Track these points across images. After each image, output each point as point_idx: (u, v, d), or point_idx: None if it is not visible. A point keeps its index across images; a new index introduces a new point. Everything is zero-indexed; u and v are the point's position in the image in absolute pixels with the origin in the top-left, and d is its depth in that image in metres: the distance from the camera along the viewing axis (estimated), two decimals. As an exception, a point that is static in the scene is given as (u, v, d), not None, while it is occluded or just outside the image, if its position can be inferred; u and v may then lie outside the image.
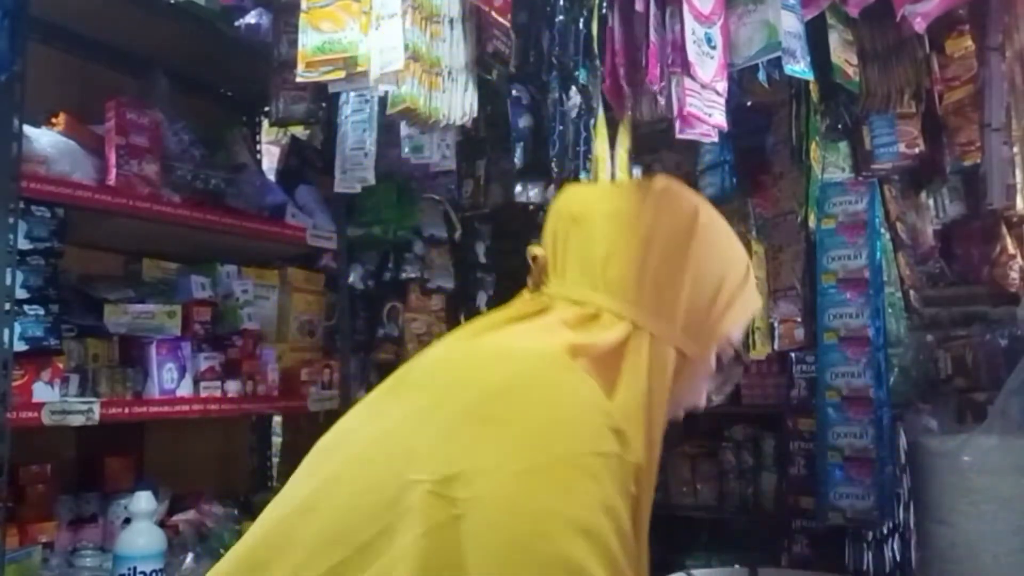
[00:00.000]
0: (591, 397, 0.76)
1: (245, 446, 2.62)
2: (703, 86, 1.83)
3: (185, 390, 1.90)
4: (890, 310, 2.56)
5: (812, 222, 2.46)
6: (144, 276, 2.07)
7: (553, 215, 0.90)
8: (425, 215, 2.79)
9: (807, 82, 2.12)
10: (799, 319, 2.73)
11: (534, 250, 0.89)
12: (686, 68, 1.80)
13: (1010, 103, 2.42)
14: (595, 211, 0.87)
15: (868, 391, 2.36)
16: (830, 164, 2.54)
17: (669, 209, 0.86)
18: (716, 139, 1.92)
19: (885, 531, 2.38)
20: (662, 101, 1.87)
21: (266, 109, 2.44)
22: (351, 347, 2.49)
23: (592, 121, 1.90)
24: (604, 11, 1.86)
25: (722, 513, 3.32)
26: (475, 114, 1.69)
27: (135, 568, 1.65)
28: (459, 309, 3.01)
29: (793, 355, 2.88)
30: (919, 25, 2.05)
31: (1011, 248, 3.04)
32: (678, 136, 1.85)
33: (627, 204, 0.87)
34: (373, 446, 0.76)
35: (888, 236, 2.64)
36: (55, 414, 1.60)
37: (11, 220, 1.56)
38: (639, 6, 1.84)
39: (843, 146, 2.59)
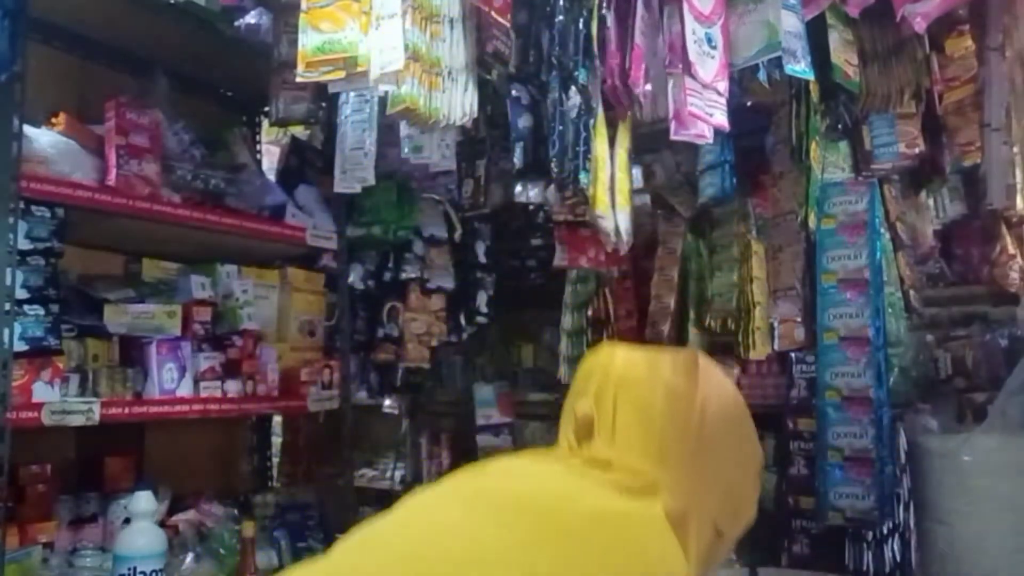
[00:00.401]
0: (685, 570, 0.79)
1: (245, 446, 2.62)
2: (704, 86, 1.83)
3: (185, 390, 1.90)
4: (890, 310, 2.55)
5: (812, 222, 2.46)
6: (144, 276, 2.07)
7: (600, 375, 0.93)
8: (425, 215, 2.79)
9: (807, 82, 2.12)
10: (799, 319, 2.72)
11: (581, 407, 0.92)
12: (687, 68, 1.80)
13: (1010, 103, 2.42)
14: (649, 381, 0.90)
15: (868, 391, 2.36)
16: (830, 164, 2.54)
17: (719, 389, 0.92)
18: (711, 140, 1.92)
19: (885, 531, 2.38)
20: (646, 103, 1.87)
21: (266, 109, 2.44)
22: (351, 347, 2.49)
23: (592, 121, 1.90)
24: (603, 11, 1.86)
25: (722, 513, 3.32)
26: (475, 114, 1.68)
27: (135, 568, 1.65)
28: (459, 309, 3.01)
29: (793, 355, 2.88)
30: (919, 25, 2.05)
31: (1011, 248, 3.04)
32: (673, 137, 1.85)
33: (683, 380, 0.90)
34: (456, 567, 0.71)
35: (888, 236, 2.63)
36: (55, 414, 1.60)
37: (11, 220, 1.56)
38: (636, 7, 1.85)
39: (843, 146, 2.59)
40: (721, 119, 1.87)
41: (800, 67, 1.90)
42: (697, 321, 3.19)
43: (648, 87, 1.85)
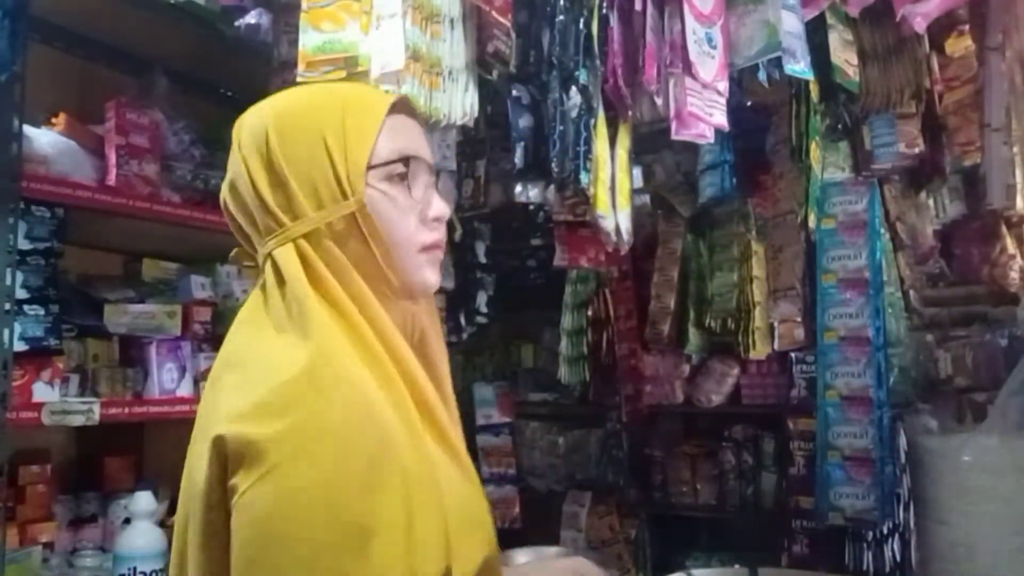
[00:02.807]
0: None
1: (245, 446, 2.62)
2: (704, 86, 1.83)
3: (185, 390, 1.90)
4: (890, 310, 2.56)
5: (812, 222, 2.46)
6: (144, 276, 2.07)
7: None
8: (425, 215, 2.78)
9: (807, 82, 2.12)
10: (799, 319, 2.73)
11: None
12: (687, 68, 1.80)
13: (1010, 103, 2.42)
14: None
15: (868, 391, 2.36)
16: (830, 164, 2.54)
17: (245, 136, 0.90)
18: (712, 140, 1.92)
19: (885, 531, 2.38)
20: (659, 101, 1.86)
21: (266, 109, 2.43)
22: (351, 347, 2.48)
23: (592, 121, 1.90)
24: (604, 11, 1.86)
25: (722, 513, 3.33)
26: (475, 114, 1.68)
27: (135, 568, 1.65)
28: (459, 309, 3.01)
29: (793, 355, 2.88)
30: (919, 25, 2.05)
31: (1011, 248, 3.05)
32: (673, 137, 1.85)
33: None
34: None
35: (888, 236, 2.64)
36: (55, 414, 1.60)
37: (11, 220, 1.56)
38: (637, 5, 1.84)
39: (843, 146, 2.59)
40: (721, 119, 1.87)
41: (800, 67, 1.90)
42: (697, 321, 3.20)
43: (660, 84, 1.85)
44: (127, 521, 1.76)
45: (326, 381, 0.76)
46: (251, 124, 0.90)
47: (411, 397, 0.83)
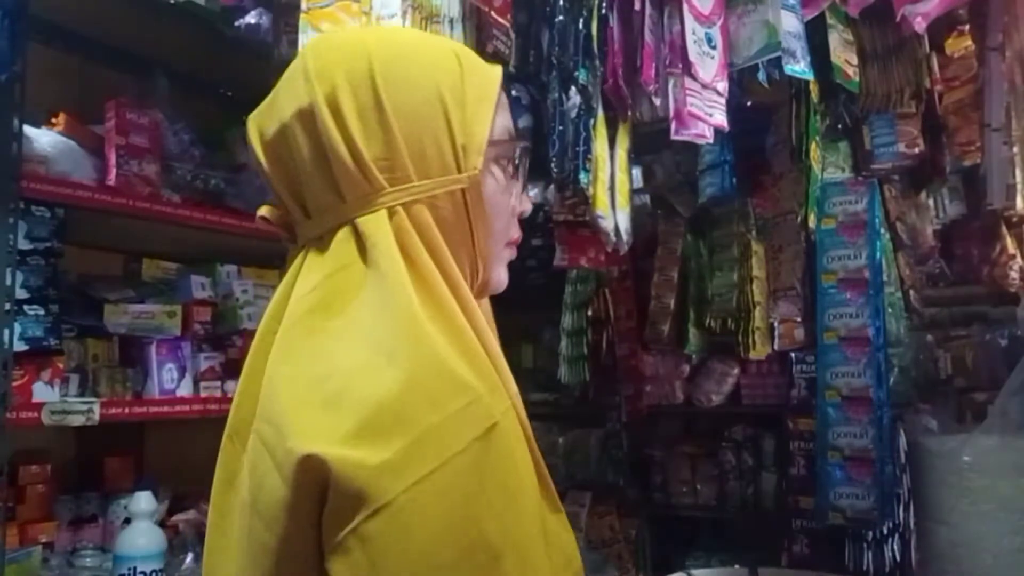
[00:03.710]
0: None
1: (245, 446, 2.62)
2: (704, 86, 1.83)
3: (185, 390, 1.90)
4: (890, 310, 2.56)
5: (812, 222, 2.46)
6: (144, 276, 2.07)
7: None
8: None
9: (807, 82, 2.12)
10: (799, 319, 2.73)
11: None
12: (687, 68, 1.80)
13: (1010, 103, 2.42)
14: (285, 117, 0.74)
15: (868, 391, 2.36)
16: (830, 164, 2.54)
17: (331, 67, 0.72)
18: (711, 140, 1.92)
19: (885, 531, 2.38)
20: (658, 102, 1.87)
21: (266, 109, 2.43)
22: (351, 347, 2.48)
23: (592, 121, 1.90)
24: (604, 11, 1.86)
25: (722, 513, 3.33)
26: (475, 114, 1.68)
27: (135, 568, 1.65)
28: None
29: (793, 355, 2.89)
30: (919, 25, 2.05)
31: (1011, 248, 3.05)
32: (673, 137, 1.85)
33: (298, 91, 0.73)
34: None
35: (888, 236, 2.64)
36: (55, 414, 1.60)
37: (11, 220, 1.56)
38: (637, 5, 1.84)
39: (843, 146, 2.59)
40: (721, 119, 1.87)
41: (800, 67, 1.90)
42: (697, 321, 3.20)
43: (658, 84, 1.85)
44: (127, 521, 1.76)
45: (439, 392, 0.64)
46: (344, 54, 0.73)
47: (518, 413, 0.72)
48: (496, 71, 0.79)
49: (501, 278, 0.82)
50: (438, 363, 0.65)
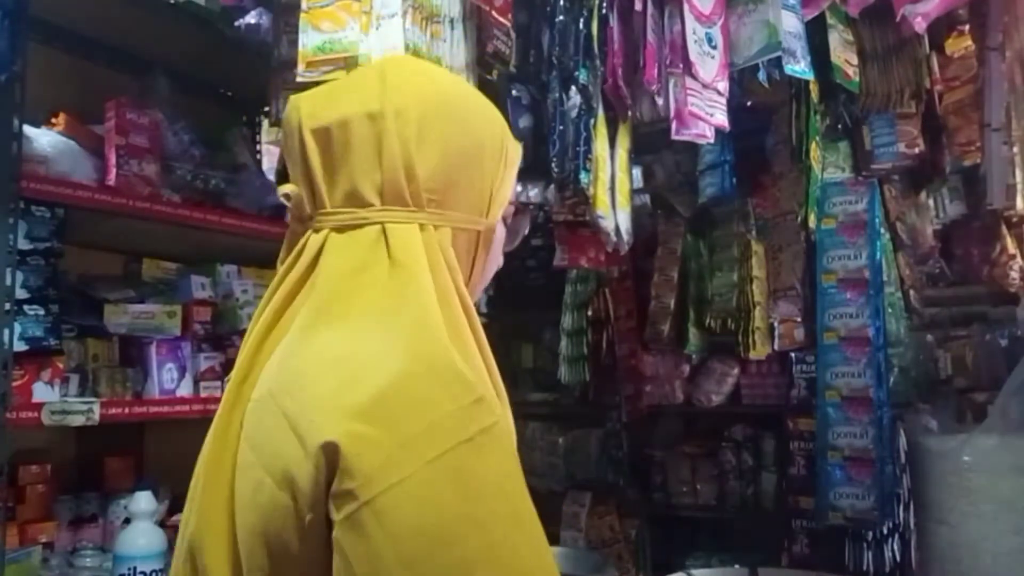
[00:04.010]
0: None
1: (245, 446, 2.62)
2: (704, 86, 1.83)
3: (185, 390, 1.90)
4: (890, 310, 2.56)
5: (812, 222, 2.46)
6: (144, 276, 2.07)
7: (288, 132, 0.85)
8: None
9: (807, 82, 2.12)
10: (799, 319, 2.73)
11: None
12: (687, 68, 1.80)
13: (1010, 103, 2.42)
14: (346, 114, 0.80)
15: (868, 391, 2.36)
16: (830, 164, 2.54)
17: (413, 91, 0.81)
18: (712, 140, 1.92)
19: (885, 531, 2.38)
20: (659, 101, 1.87)
21: (266, 109, 2.43)
22: (351, 347, 2.48)
23: (592, 121, 1.90)
24: (604, 11, 1.86)
25: (722, 513, 3.33)
26: (475, 114, 1.68)
27: (135, 568, 1.65)
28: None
29: (793, 355, 2.89)
30: (919, 25, 2.05)
31: (1011, 248, 3.05)
32: (674, 137, 1.85)
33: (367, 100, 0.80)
34: None
35: (888, 236, 2.64)
36: (55, 414, 1.60)
37: (11, 220, 1.56)
38: (637, 6, 1.84)
39: (843, 146, 2.59)
40: (721, 119, 1.87)
41: (800, 67, 1.90)
42: (697, 321, 3.20)
43: (660, 84, 1.85)
44: (127, 521, 1.76)
45: (452, 385, 0.70)
46: (422, 79, 0.83)
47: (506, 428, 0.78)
48: (519, 147, 0.91)
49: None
50: (451, 361, 0.71)
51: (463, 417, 0.68)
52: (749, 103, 2.30)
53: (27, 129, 1.63)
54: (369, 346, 0.71)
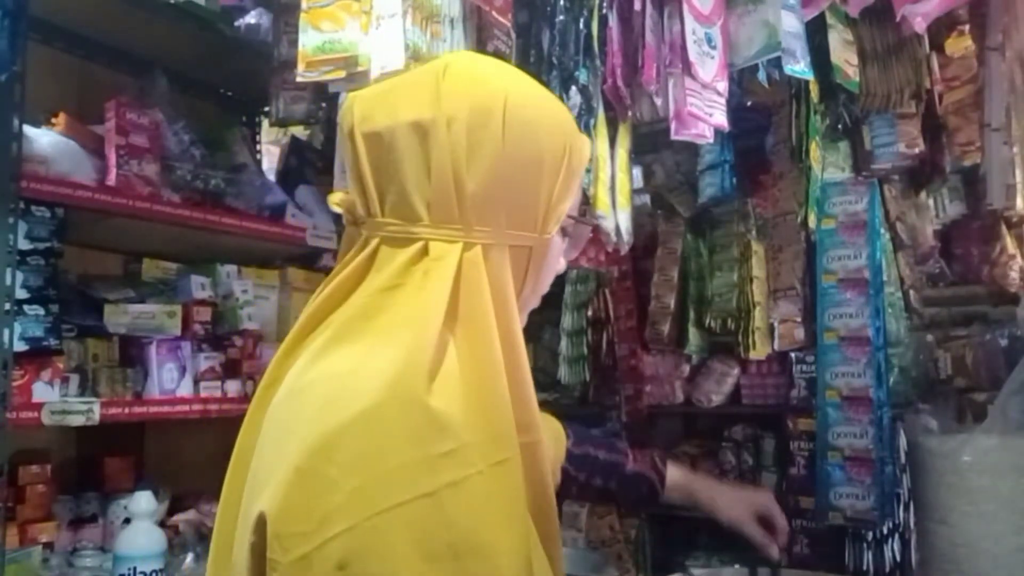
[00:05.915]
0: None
1: (245, 446, 2.62)
2: (704, 86, 1.83)
3: (185, 390, 1.90)
4: (890, 310, 2.55)
5: (812, 222, 2.46)
6: (144, 276, 2.07)
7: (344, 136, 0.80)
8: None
9: (807, 82, 2.12)
10: (799, 319, 2.73)
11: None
12: (687, 68, 1.80)
13: (1010, 103, 2.42)
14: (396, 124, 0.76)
15: (868, 391, 2.35)
16: (830, 164, 2.54)
17: (467, 101, 0.76)
18: (712, 140, 1.92)
19: (885, 531, 2.38)
20: (659, 102, 1.87)
21: (266, 109, 2.44)
22: (351, 347, 2.48)
23: (592, 121, 1.90)
24: (604, 11, 1.86)
25: (722, 513, 3.32)
26: (475, 114, 1.68)
27: (135, 568, 1.65)
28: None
29: (793, 355, 2.88)
30: (919, 25, 2.05)
31: (1011, 248, 3.05)
32: (673, 137, 1.85)
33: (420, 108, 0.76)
34: None
35: (888, 236, 2.63)
36: (55, 414, 1.60)
37: (11, 220, 1.56)
38: (637, 6, 1.84)
39: (843, 146, 2.59)
40: (721, 119, 1.87)
41: (800, 67, 1.90)
42: (697, 321, 3.20)
43: (659, 84, 1.85)
44: (127, 521, 1.77)
45: (417, 418, 0.66)
46: (478, 87, 0.77)
47: (537, 455, 0.73)
48: (588, 146, 0.85)
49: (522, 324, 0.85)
50: (424, 404, 0.66)
51: (426, 469, 0.64)
52: (749, 103, 2.30)
53: (27, 129, 1.64)
54: (366, 364, 0.69)
